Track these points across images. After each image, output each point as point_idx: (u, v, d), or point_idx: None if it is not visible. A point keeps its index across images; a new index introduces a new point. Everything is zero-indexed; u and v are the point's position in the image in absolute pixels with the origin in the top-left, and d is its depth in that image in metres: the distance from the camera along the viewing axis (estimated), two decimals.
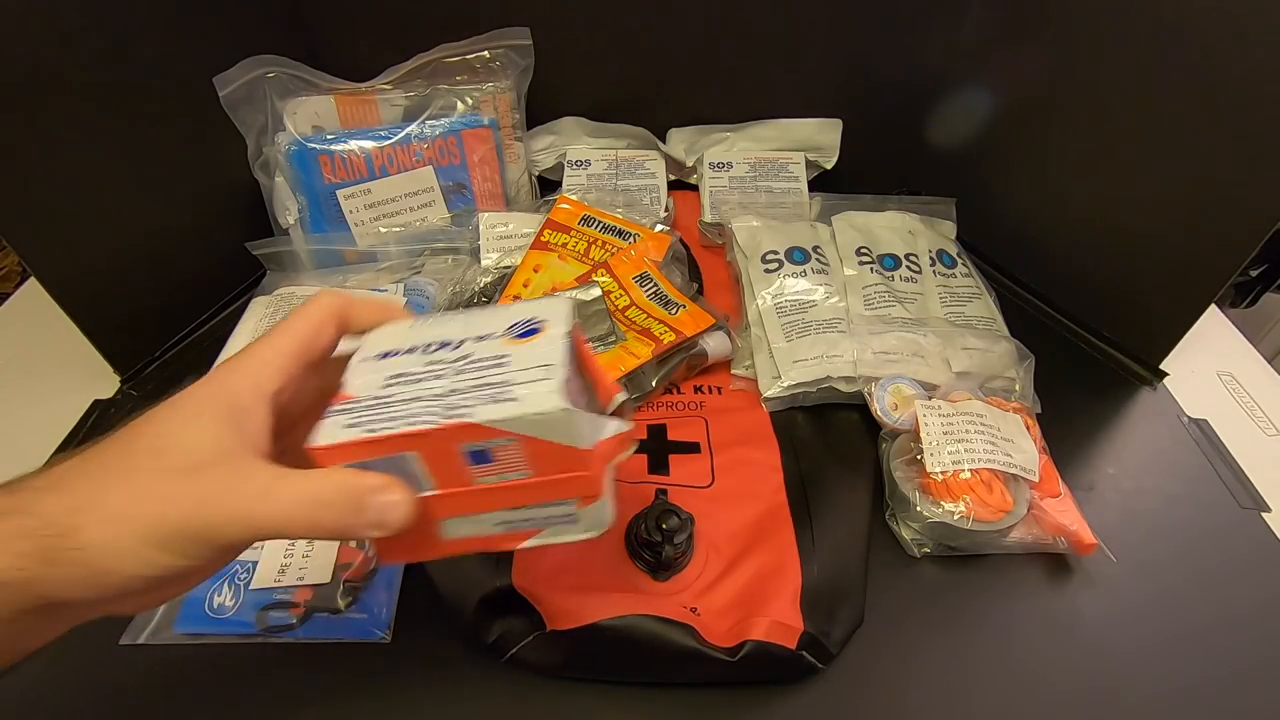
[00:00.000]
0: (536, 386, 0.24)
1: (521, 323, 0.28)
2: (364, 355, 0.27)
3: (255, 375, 0.25)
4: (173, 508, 0.21)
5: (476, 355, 0.26)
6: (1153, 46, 0.46)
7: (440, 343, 0.27)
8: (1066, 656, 0.38)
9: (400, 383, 0.25)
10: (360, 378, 0.26)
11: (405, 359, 0.27)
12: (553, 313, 0.28)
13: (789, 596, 0.36)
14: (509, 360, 0.26)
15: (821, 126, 0.64)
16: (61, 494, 0.21)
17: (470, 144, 0.57)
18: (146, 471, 0.22)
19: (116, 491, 0.21)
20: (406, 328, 0.29)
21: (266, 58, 0.53)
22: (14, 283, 0.72)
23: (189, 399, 0.24)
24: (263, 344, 0.26)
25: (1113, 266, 0.53)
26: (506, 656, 0.36)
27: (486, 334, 0.27)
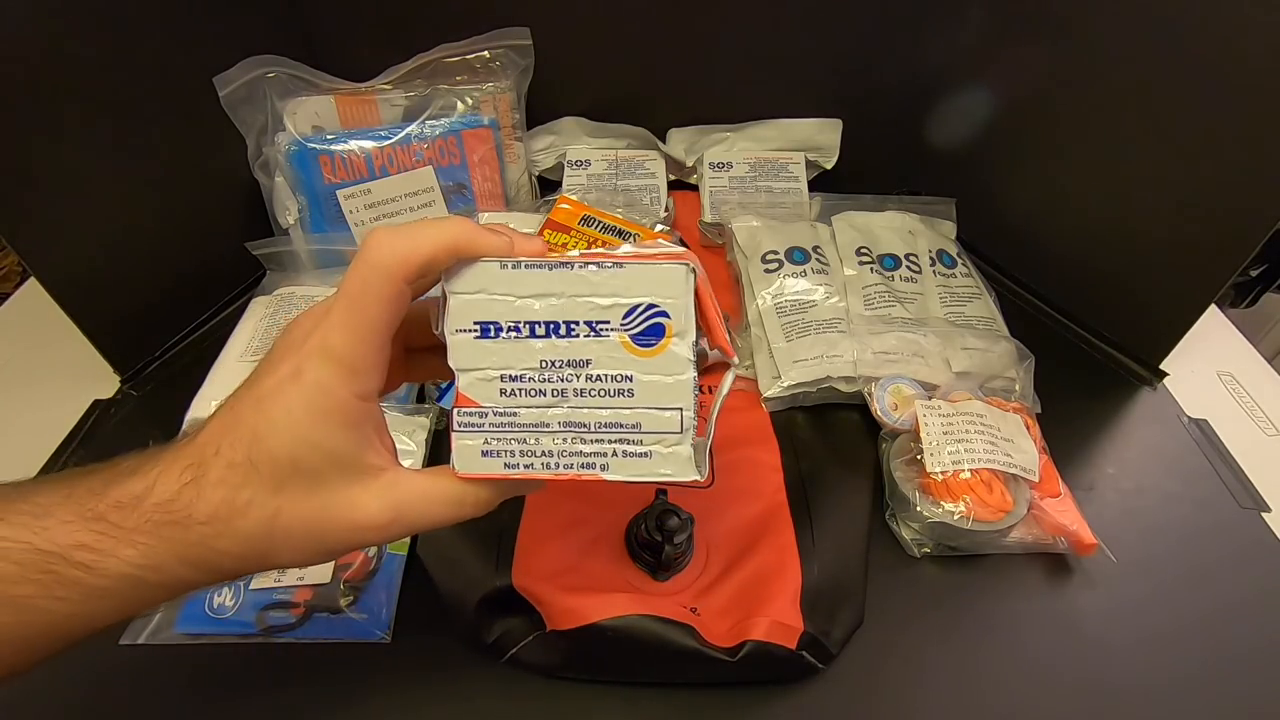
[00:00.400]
0: (672, 450, 0.26)
1: (640, 311, 0.25)
2: (458, 322, 0.25)
3: (355, 385, 0.24)
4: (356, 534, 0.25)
5: (597, 368, 0.25)
6: (1152, 46, 0.46)
7: (548, 324, 0.25)
8: (1067, 656, 0.38)
9: (520, 394, 0.25)
10: (468, 368, 0.25)
11: (513, 350, 0.25)
12: (672, 291, 0.25)
13: (789, 596, 0.36)
14: (634, 388, 0.25)
15: (821, 126, 0.64)
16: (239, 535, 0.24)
17: (470, 144, 0.57)
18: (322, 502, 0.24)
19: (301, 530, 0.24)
20: (495, 274, 0.25)
21: (266, 58, 0.53)
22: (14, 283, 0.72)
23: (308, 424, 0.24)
24: (342, 338, 0.24)
25: (1113, 267, 0.53)
26: (506, 656, 0.36)
27: (602, 320, 0.25)
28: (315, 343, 0.24)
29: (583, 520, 0.39)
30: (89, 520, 0.23)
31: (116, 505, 0.23)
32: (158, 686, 0.35)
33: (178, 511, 0.23)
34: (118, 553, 0.23)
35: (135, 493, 0.23)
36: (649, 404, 0.25)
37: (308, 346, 0.24)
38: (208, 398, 0.45)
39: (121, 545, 0.23)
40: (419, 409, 0.46)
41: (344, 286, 0.24)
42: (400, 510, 0.25)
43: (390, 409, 0.45)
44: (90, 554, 0.22)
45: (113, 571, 0.23)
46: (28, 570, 0.22)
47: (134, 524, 0.23)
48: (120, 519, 0.23)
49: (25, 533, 0.22)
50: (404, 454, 0.43)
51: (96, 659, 0.36)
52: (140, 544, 0.23)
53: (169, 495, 0.23)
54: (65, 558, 0.22)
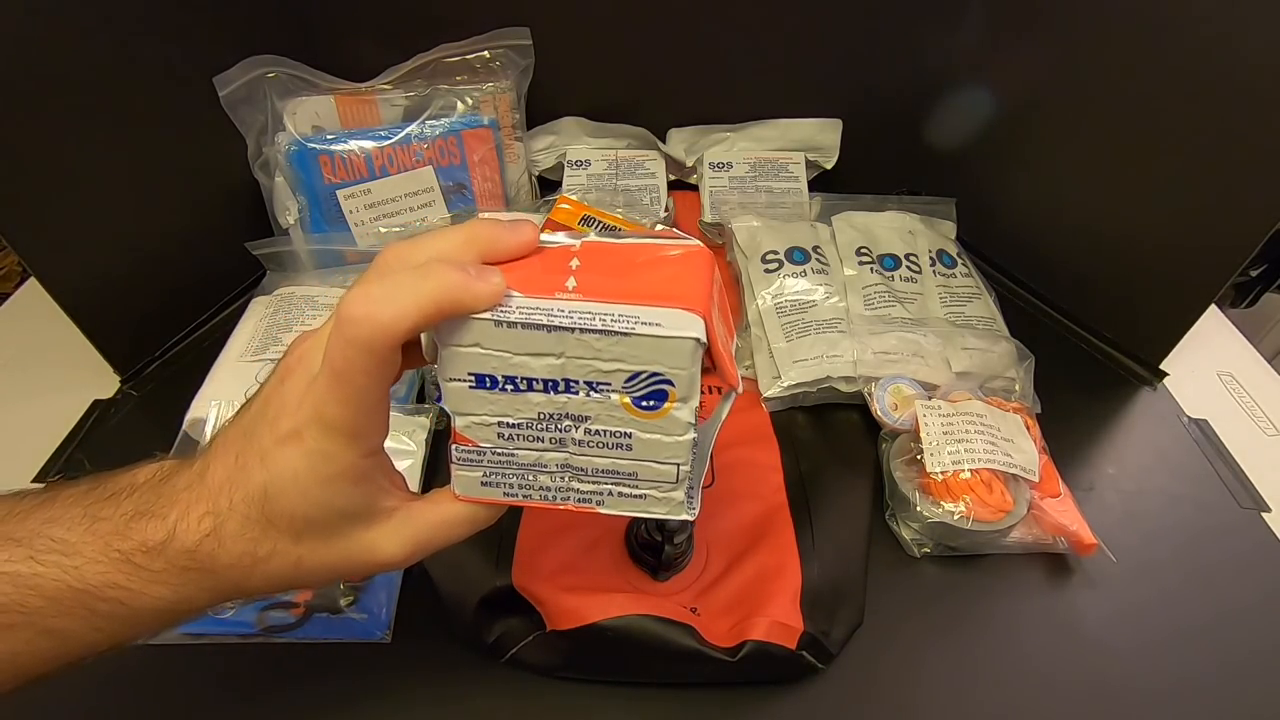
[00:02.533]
0: (667, 494, 0.26)
1: (643, 378, 0.24)
2: (452, 374, 0.24)
3: (358, 448, 0.24)
4: (374, 569, 0.26)
5: (596, 424, 0.25)
6: (1152, 46, 0.46)
7: (546, 381, 0.24)
8: (1067, 656, 0.38)
9: (516, 437, 0.25)
10: (465, 412, 0.25)
11: (510, 401, 0.24)
12: (677, 363, 0.23)
13: (789, 596, 0.36)
14: (633, 443, 0.25)
15: (821, 126, 0.64)
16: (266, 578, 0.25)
17: (470, 144, 0.57)
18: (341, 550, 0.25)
19: (323, 572, 0.26)
20: (490, 330, 0.23)
21: (266, 58, 0.53)
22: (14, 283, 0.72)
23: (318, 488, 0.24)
24: (338, 410, 0.23)
25: (1113, 266, 0.53)
26: (506, 656, 0.36)
27: (602, 382, 0.24)
28: (310, 411, 0.23)
29: (583, 520, 0.39)
30: (117, 562, 0.23)
31: (142, 548, 0.23)
32: (158, 686, 0.35)
33: (202, 559, 0.24)
34: (149, 591, 0.24)
35: (159, 539, 0.24)
36: (646, 458, 0.25)
37: (303, 412, 0.23)
38: (208, 398, 0.45)
39: (152, 585, 0.24)
40: (419, 409, 0.46)
41: (327, 359, 0.23)
42: (418, 544, 0.26)
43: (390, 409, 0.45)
44: (123, 592, 0.23)
45: (146, 608, 0.24)
46: (65, 607, 0.23)
47: (161, 566, 0.24)
48: (147, 562, 0.24)
49: (57, 570, 0.23)
50: (404, 454, 0.43)
51: (96, 659, 0.36)
52: (171, 584, 0.24)
53: (191, 544, 0.24)
54: (99, 595, 0.23)
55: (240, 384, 0.45)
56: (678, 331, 0.23)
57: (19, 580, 0.23)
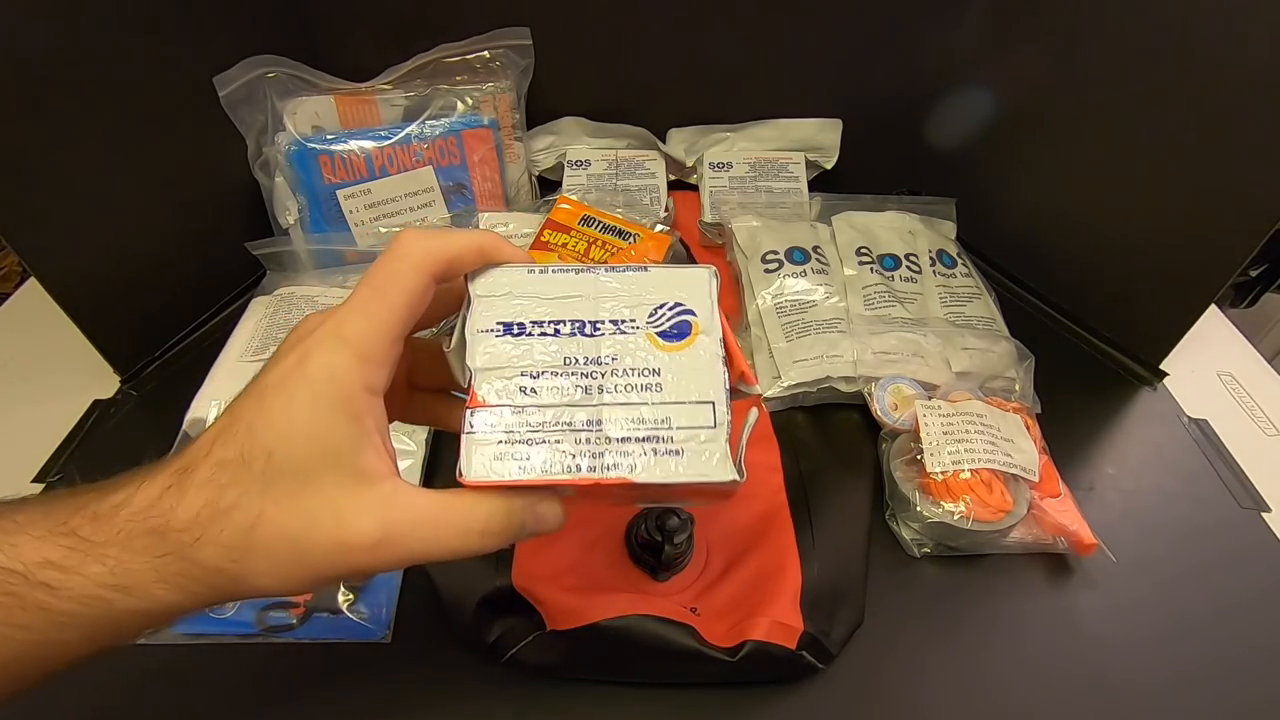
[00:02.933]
0: (704, 446, 0.23)
1: (667, 309, 0.25)
2: (481, 322, 0.24)
3: (363, 375, 0.23)
4: (344, 555, 0.22)
5: (623, 363, 0.24)
6: (1153, 46, 0.46)
7: (573, 323, 0.24)
8: (1067, 656, 0.38)
9: (541, 389, 0.24)
10: (488, 367, 0.24)
11: (536, 344, 0.24)
12: (697, 295, 0.25)
13: (789, 596, 0.36)
14: (663, 382, 0.24)
15: (821, 126, 0.64)
16: (218, 544, 0.22)
17: (470, 144, 0.57)
18: (307, 510, 0.22)
19: (281, 544, 0.22)
20: (523, 276, 0.25)
21: (266, 58, 0.53)
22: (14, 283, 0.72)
23: (306, 415, 0.22)
24: (358, 325, 0.23)
25: (1113, 266, 0.53)
26: (506, 656, 0.36)
27: (627, 319, 0.25)
28: (327, 329, 0.23)
29: (583, 520, 0.39)
30: (59, 535, 0.21)
31: (92, 518, 0.21)
32: (158, 686, 0.35)
33: (155, 519, 0.21)
34: (84, 569, 0.21)
35: (114, 503, 0.22)
36: (679, 397, 0.24)
37: (316, 335, 0.23)
38: (208, 398, 0.45)
39: (89, 561, 0.21)
40: None
41: (369, 275, 0.23)
42: (391, 530, 0.22)
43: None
44: (55, 572, 0.21)
45: (78, 592, 0.21)
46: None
47: (105, 537, 0.21)
48: (91, 532, 0.21)
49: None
50: (404, 454, 0.43)
51: (96, 659, 0.36)
52: (110, 559, 0.21)
53: (148, 502, 0.22)
54: (28, 577, 0.21)
55: (240, 384, 0.44)
56: (694, 267, 0.26)
57: None
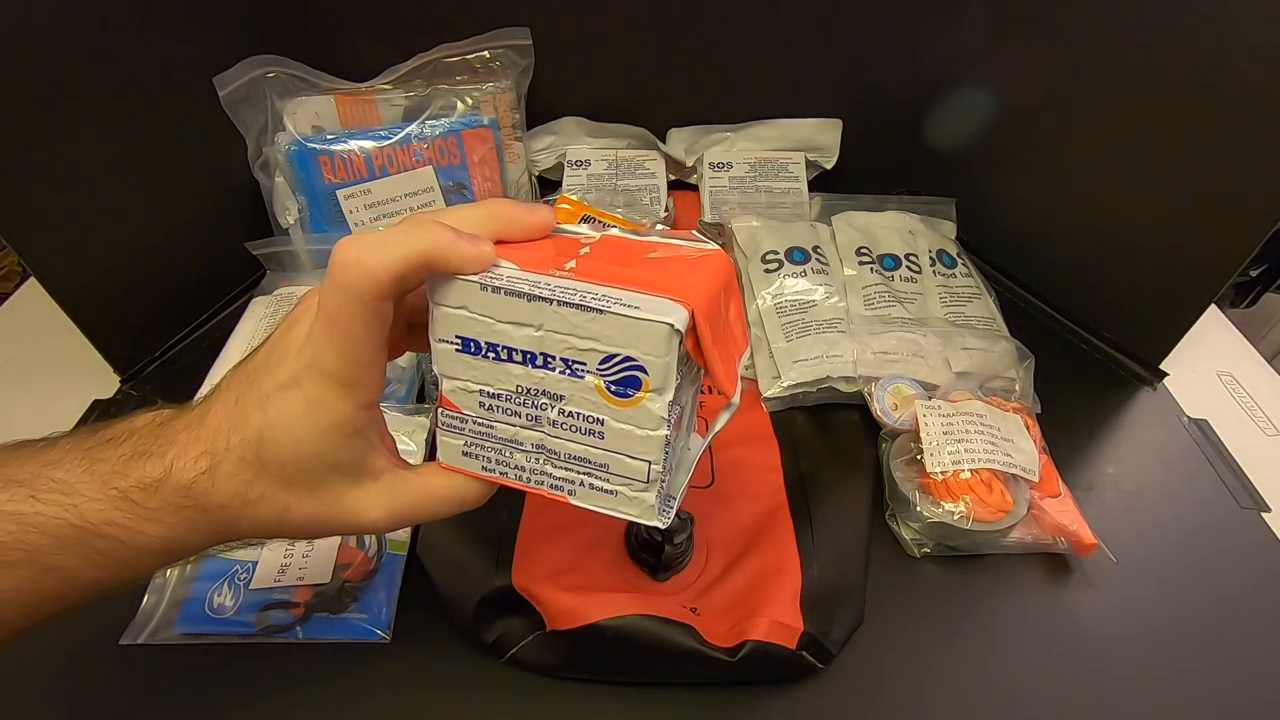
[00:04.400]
0: (637, 496, 0.26)
1: (616, 361, 0.23)
2: (441, 334, 0.25)
3: (354, 399, 0.25)
4: (356, 529, 0.29)
5: (570, 404, 0.25)
6: (1153, 46, 0.46)
7: (525, 353, 0.24)
8: (1067, 656, 0.38)
9: (497, 410, 0.26)
10: (450, 377, 0.26)
11: (491, 370, 0.25)
12: (652, 349, 0.23)
13: (789, 596, 0.36)
14: (605, 431, 0.25)
15: (821, 126, 0.64)
16: (254, 523, 0.26)
17: (470, 144, 0.57)
18: (325, 503, 0.26)
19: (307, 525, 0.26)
20: (477, 294, 0.24)
21: (266, 58, 0.53)
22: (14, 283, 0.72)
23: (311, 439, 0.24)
24: (333, 359, 0.24)
25: (1113, 266, 0.53)
26: (506, 656, 0.36)
27: (577, 361, 0.24)
28: (308, 359, 0.24)
29: (583, 520, 0.39)
30: (115, 500, 0.24)
31: (139, 486, 0.24)
32: (158, 686, 0.35)
33: (197, 497, 0.24)
34: (145, 529, 0.24)
35: (156, 475, 0.24)
36: (618, 450, 0.25)
37: (303, 360, 0.24)
38: None
39: (148, 524, 0.24)
40: (419, 409, 0.46)
41: (321, 306, 0.24)
42: (399, 513, 0.27)
43: (390, 409, 0.45)
44: (121, 530, 0.24)
45: (144, 546, 0.25)
46: (66, 544, 0.24)
47: (157, 504, 0.24)
48: (144, 499, 0.24)
49: (57, 509, 0.24)
50: (404, 454, 0.43)
51: (96, 659, 0.36)
52: (166, 523, 0.25)
53: (186, 482, 0.24)
54: (98, 533, 0.24)
55: None
56: (654, 316, 0.22)
57: (21, 519, 0.23)
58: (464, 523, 0.38)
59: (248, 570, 0.38)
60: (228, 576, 0.38)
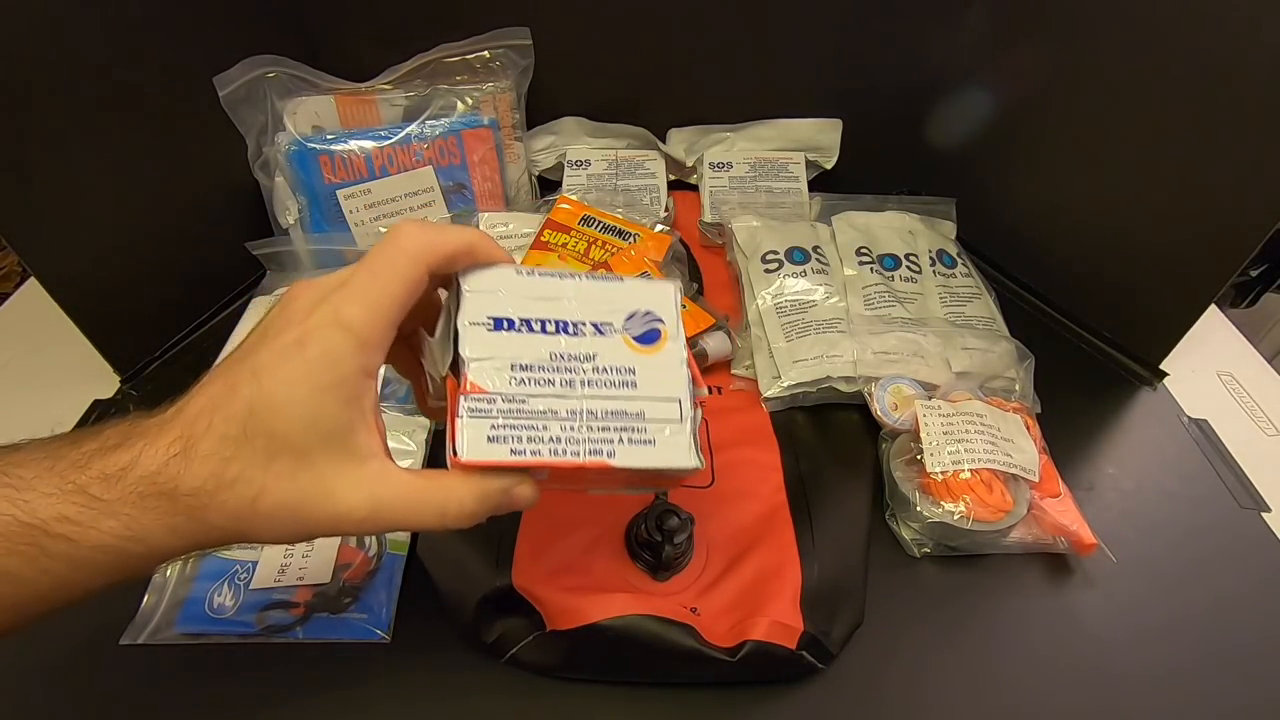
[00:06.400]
0: (672, 434, 0.27)
1: (639, 316, 0.28)
2: (472, 316, 0.26)
3: (361, 359, 0.24)
4: (332, 524, 0.25)
5: (603, 362, 0.27)
6: (1152, 46, 0.46)
7: (558, 322, 0.27)
8: (1067, 656, 0.38)
9: (529, 381, 0.26)
10: (480, 357, 0.26)
11: (523, 340, 0.27)
12: (665, 305, 0.29)
13: (789, 596, 0.36)
14: (637, 380, 0.27)
15: (821, 126, 0.64)
16: (224, 510, 0.24)
17: (470, 144, 0.57)
18: (302, 486, 0.24)
19: (279, 514, 0.24)
20: (510, 276, 0.27)
21: (266, 58, 0.53)
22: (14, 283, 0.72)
23: (305, 397, 0.24)
24: (357, 310, 0.24)
25: (1113, 266, 0.53)
26: (506, 656, 0.36)
27: (605, 321, 0.28)
28: (325, 314, 0.24)
29: (583, 520, 0.39)
30: (70, 494, 0.23)
31: (100, 477, 0.23)
32: (158, 686, 0.35)
33: (164, 483, 0.23)
34: (99, 525, 0.23)
35: (121, 464, 0.23)
36: (651, 394, 0.27)
37: (315, 318, 0.24)
38: None
39: (104, 518, 0.23)
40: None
41: (367, 262, 0.25)
42: (378, 508, 0.25)
43: (390, 409, 0.45)
44: (72, 526, 0.23)
45: (95, 543, 0.23)
46: (12, 543, 0.22)
47: (117, 495, 0.23)
48: (102, 491, 0.23)
49: (5, 504, 0.22)
50: (404, 454, 0.43)
51: (96, 659, 0.36)
52: (124, 515, 0.23)
53: (155, 467, 0.23)
54: (47, 530, 0.22)
55: None
56: (661, 281, 0.30)
57: None
58: None
59: (248, 570, 0.38)
60: (228, 576, 0.38)
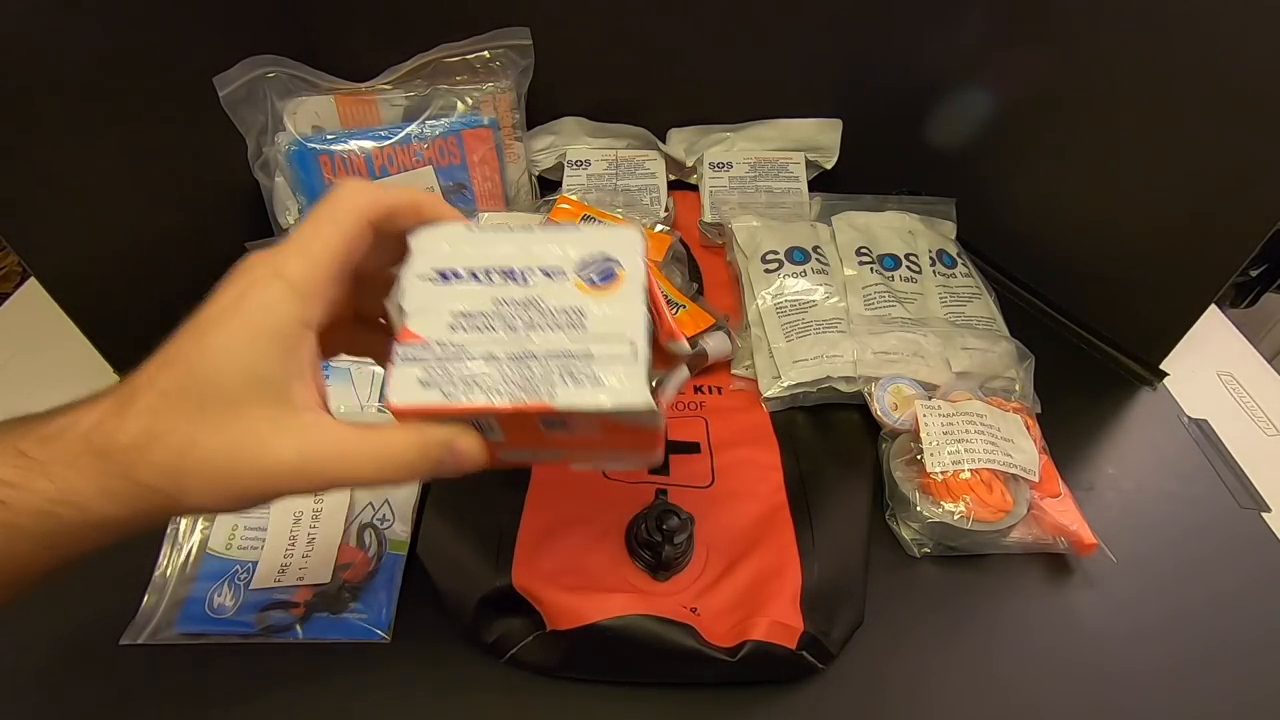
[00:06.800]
0: (623, 376, 0.24)
1: (595, 260, 0.26)
2: (418, 269, 0.26)
3: (299, 309, 0.24)
4: (264, 480, 0.24)
5: (549, 302, 0.25)
6: (1152, 46, 0.46)
7: (504, 270, 0.26)
8: (1067, 656, 0.38)
9: (469, 328, 0.25)
10: (421, 308, 0.25)
11: (468, 289, 0.25)
12: (625, 250, 0.26)
13: (789, 596, 0.36)
14: (586, 319, 0.25)
15: (821, 126, 0.64)
16: (155, 466, 0.23)
17: (470, 144, 0.57)
18: (234, 437, 0.24)
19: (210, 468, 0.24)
20: (461, 233, 0.26)
21: (266, 58, 0.53)
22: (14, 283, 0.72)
23: (241, 346, 0.24)
24: (296, 262, 0.24)
25: (1113, 266, 0.53)
26: (506, 656, 0.36)
27: (555, 267, 0.26)
28: (265, 269, 0.24)
29: (583, 520, 0.39)
30: (9, 456, 0.23)
31: (39, 440, 0.23)
32: (158, 686, 0.35)
33: (98, 441, 0.23)
34: (32, 485, 0.23)
35: (60, 426, 0.23)
36: (601, 333, 0.25)
37: (255, 273, 0.25)
38: None
39: (36, 478, 0.23)
40: None
41: (309, 216, 0.25)
42: (308, 458, 0.24)
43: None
44: (7, 489, 0.23)
45: (28, 507, 0.23)
46: None
47: (51, 456, 0.23)
48: (38, 453, 0.23)
49: None
50: None
51: (96, 659, 0.36)
52: (56, 476, 0.23)
53: (92, 424, 0.23)
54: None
55: None
56: (619, 227, 0.26)
57: None
58: (464, 522, 0.39)
59: (248, 570, 0.38)
60: (228, 576, 0.38)
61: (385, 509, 0.41)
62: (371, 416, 0.45)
